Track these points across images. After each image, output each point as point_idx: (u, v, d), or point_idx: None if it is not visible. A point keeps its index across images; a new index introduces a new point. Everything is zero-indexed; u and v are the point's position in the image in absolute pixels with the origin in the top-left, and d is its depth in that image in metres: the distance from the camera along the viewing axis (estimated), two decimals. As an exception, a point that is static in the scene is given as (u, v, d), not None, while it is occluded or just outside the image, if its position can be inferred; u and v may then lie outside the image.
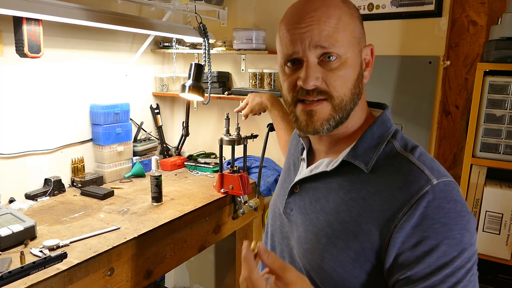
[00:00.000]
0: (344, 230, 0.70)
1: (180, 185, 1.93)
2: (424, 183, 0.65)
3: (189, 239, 1.62)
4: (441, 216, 0.63)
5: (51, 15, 1.36)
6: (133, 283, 1.37)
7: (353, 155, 0.73)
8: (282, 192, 0.88)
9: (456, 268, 0.62)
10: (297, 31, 0.69)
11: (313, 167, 0.81)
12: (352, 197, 0.72)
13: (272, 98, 1.37)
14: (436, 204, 0.64)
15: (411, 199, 0.65)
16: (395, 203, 0.66)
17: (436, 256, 0.62)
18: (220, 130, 2.33)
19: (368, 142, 0.74)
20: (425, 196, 0.64)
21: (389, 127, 0.76)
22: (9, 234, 1.22)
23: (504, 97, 1.37)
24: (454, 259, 0.62)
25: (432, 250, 0.63)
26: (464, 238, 0.63)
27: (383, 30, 1.78)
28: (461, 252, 0.63)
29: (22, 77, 1.64)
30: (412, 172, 0.68)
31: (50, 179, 1.73)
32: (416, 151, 0.71)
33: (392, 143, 0.73)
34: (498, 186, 1.44)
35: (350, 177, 0.73)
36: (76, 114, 1.89)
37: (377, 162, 0.72)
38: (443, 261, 0.62)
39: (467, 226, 0.65)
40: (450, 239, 0.63)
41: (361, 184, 0.71)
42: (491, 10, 1.67)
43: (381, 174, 0.70)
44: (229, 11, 2.22)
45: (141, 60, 2.17)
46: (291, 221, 0.82)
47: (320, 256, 0.73)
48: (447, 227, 0.63)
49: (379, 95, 1.79)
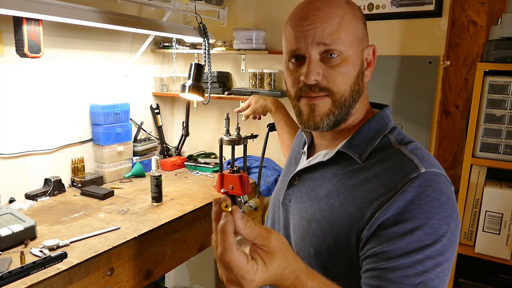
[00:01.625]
0: (332, 214, 0.73)
1: (180, 185, 1.93)
2: (411, 171, 0.67)
3: (189, 239, 1.62)
4: (423, 202, 0.64)
5: (51, 15, 1.36)
6: (133, 283, 1.37)
7: (348, 146, 0.76)
8: (282, 186, 0.90)
9: (426, 257, 0.62)
10: (300, 28, 0.72)
11: (311, 158, 0.84)
12: (343, 184, 0.74)
13: (276, 102, 1.37)
14: (421, 190, 0.65)
15: (397, 185, 0.66)
16: (381, 188, 0.68)
17: (409, 240, 0.63)
18: (220, 130, 2.33)
19: (365, 135, 0.76)
20: (411, 182, 0.66)
21: (387, 123, 0.78)
22: (9, 234, 1.22)
23: (504, 97, 1.37)
24: (425, 247, 0.62)
25: (407, 233, 0.63)
26: (440, 230, 0.63)
27: (383, 30, 1.78)
28: (434, 242, 0.63)
29: (22, 77, 1.64)
30: (402, 161, 0.69)
31: (50, 179, 1.73)
32: (410, 144, 0.73)
33: (388, 137, 0.76)
34: (498, 186, 1.44)
35: (344, 166, 0.76)
36: (76, 114, 1.89)
37: (371, 153, 0.74)
38: (414, 246, 0.62)
39: (448, 219, 0.64)
40: (426, 226, 0.63)
41: (353, 172, 0.74)
42: (491, 10, 1.67)
43: (372, 163, 0.73)
44: (229, 11, 2.22)
45: (141, 60, 2.17)
46: (289, 211, 0.84)
47: (310, 241, 0.75)
48: (426, 214, 0.64)
49: (379, 95, 1.79)
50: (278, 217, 0.89)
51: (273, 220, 0.92)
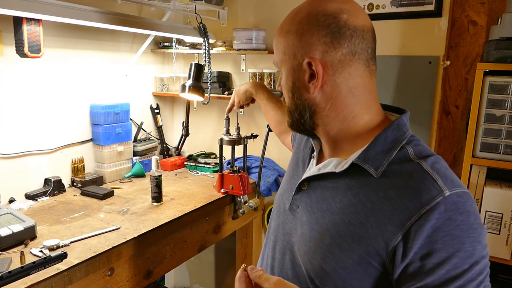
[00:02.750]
0: (350, 232, 0.70)
1: (180, 185, 1.93)
2: (436, 194, 0.64)
3: (189, 239, 1.62)
4: (452, 228, 0.62)
5: (51, 15, 1.36)
6: (133, 283, 1.37)
7: (363, 159, 0.72)
8: (289, 188, 0.88)
9: (467, 281, 0.61)
10: None
11: (321, 165, 0.81)
12: (360, 200, 0.71)
13: (255, 83, 1.41)
14: (448, 216, 0.63)
15: (421, 209, 0.63)
16: (405, 211, 0.65)
17: (447, 269, 0.61)
18: (220, 130, 2.33)
19: (381, 146, 0.73)
20: (436, 207, 0.63)
21: (405, 132, 0.74)
22: (9, 234, 1.22)
23: (504, 97, 1.37)
24: (465, 272, 0.61)
25: (443, 262, 0.62)
26: (475, 251, 0.62)
27: (383, 30, 1.78)
28: (472, 265, 0.62)
29: (22, 77, 1.64)
30: (424, 180, 0.66)
31: (50, 179, 1.73)
32: (429, 158, 0.70)
33: (406, 148, 0.72)
34: (498, 186, 1.44)
35: (359, 179, 0.73)
36: (76, 114, 1.89)
37: (388, 167, 0.71)
38: (453, 273, 0.61)
39: (479, 239, 0.63)
40: (461, 252, 0.62)
41: (370, 187, 0.71)
42: (491, 10, 1.67)
43: (392, 179, 0.69)
44: (229, 11, 2.22)
45: (141, 60, 2.18)
46: (296, 218, 0.82)
47: (322, 256, 0.73)
48: (458, 239, 0.62)
49: (379, 95, 1.77)
50: (283, 221, 0.87)
51: (277, 223, 0.90)
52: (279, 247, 0.87)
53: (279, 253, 0.86)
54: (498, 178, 1.52)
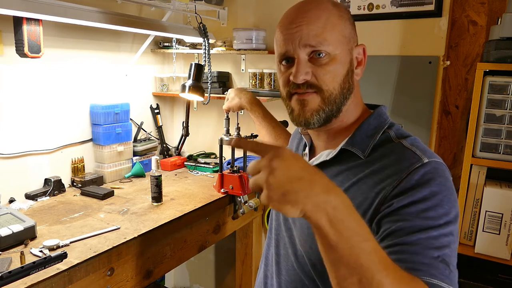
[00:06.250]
0: None
1: (180, 185, 1.93)
2: (415, 161, 0.70)
3: (189, 239, 1.62)
4: (432, 185, 0.66)
5: (51, 15, 1.36)
6: (133, 283, 1.37)
7: (350, 143, 0.79)
8: None
9: (441, 235, 0.64)
10: (289, 31, 0.77)
11: (314, 159, 0.85)
12: (349, 179, 0.76)
13: (251, 99, 1.40)
14: (428, 177, 0.67)
15: (402, 173, 0.68)
16: (387, 178, 0.70)
17: (423, 216, 0.64)
18: (220, 130, 2.33)
19: (365, 132, 0.79)
20: (416, 171, 0.68)
21: (385, 119, 0.81)
22: (9, 234, 1.22)
23: (504, 97, 1.37)
24: (440, 226, 0.64)
25: (421, 212, 0.64)
26: (450, 212, 0.65)
27: (383, 30, 1.78)
28: (447, 223, 0.65)
29: (22, 77, 1.64)
30: (405, 153, 0.72)
31: (50, 179, 1.73)
32: (409, 138, 0.76)
33: (388, 132, 0.78)
34: (498, 186, 1.44)
35: (348, 163, 0.78)
36: (76, 114, 1.88)
37: (373, 149, 0.77)
38: (430, 223, 0.64)
39: (455, 204, 0.67)
40: (439, 207, 0.65)
41: (357, 167, 0.76)
42: (491, 10, 1.67)
43: (376, 157, 0.75)
44: (229, 11, 2.22)
45: (141, 60, 2.17)
46: None
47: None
48: (437, 196, 0.66)
49: (379, 95, 1.79)
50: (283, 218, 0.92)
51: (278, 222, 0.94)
52: (283, 244, 0.90)
53: (283, 249, 0.90)
54: (498, 178, 1.52)
